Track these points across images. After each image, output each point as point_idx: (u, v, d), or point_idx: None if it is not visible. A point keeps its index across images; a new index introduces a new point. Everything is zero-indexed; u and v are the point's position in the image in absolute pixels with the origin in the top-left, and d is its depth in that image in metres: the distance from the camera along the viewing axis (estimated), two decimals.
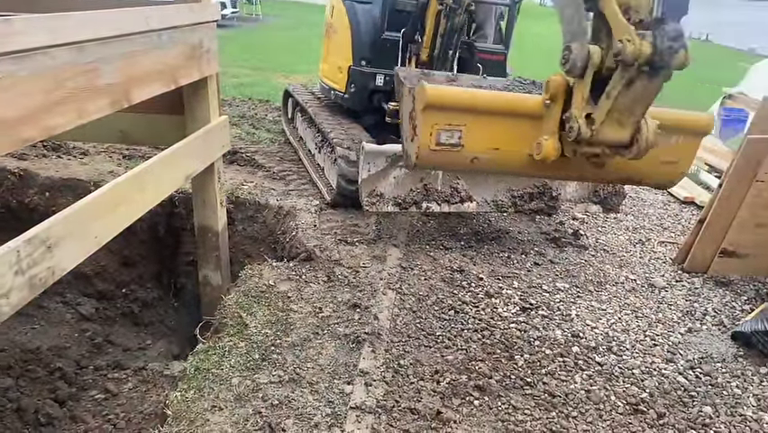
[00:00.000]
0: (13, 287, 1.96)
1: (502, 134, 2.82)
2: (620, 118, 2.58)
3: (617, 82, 2.45)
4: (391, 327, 3.18)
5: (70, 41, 2.16)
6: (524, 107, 2.81)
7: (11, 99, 1.89)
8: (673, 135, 3.18)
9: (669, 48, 2.35)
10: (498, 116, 2.79)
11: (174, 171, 3.11)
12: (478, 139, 2.79)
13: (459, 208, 4.15)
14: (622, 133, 2.61)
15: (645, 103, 2.55)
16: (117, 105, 2.54)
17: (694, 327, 3.52)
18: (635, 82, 2.44)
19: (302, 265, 3.71)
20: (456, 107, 2.74)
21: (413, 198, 3.97)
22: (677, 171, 3.22)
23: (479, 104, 2.78)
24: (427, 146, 2.75)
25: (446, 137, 2.75)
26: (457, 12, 4.14)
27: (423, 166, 3.19)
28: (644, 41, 2.34)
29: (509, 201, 4.23)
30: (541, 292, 3.72)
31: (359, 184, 3.88)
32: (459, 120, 2.75)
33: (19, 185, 4.51)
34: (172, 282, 4.71)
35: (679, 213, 5.42)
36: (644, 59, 2.35)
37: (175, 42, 3.02)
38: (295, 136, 6.26)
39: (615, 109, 2.53)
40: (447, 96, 2.76)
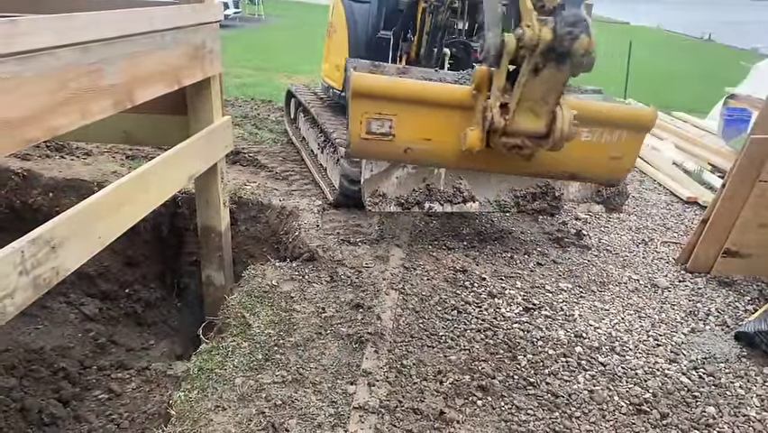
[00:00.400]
0: (18, 287, 1.97)
1: (433, 125, 2.83)
2: (534, 108, 2.56)
3: (525, 70, 2.44)
4: (394, 327, 3.18)
5: (75, 41, 2.17)
6: (453, 98, 2.81)
7: (15, 100, 1.90)
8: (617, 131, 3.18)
9: (568, 33, 2.33)
10: (429, 107, 2.80)
11: (177, 172, 3.12)
12: (409, 129, 2.80)
13: (461, 208, 4.14)
14: (537, 123, 2.60)
15: (556, 91, 2.54)
16: (121, 106, 2.55)
17: (697, 328, 3.52)
18: (542, 70, 2.43)
19: (305, 265, 3.72)
20: (385, 96, 2.75)
21: (415, 198, 3.95)
22: (622, 167, 3.22)
23: (408, 93, 2.79)
24: (358, 135, 2.77)
25: (377, 126, 2.76)
26: (440, 9, 4.15)
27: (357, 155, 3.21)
28: (544, 27, 2.33)
29: (512, 201, 4.21)
30: (544, 292, 3.72)
31: (361, 184, 3.88)
32: (389, 109, 2.76)
33: (23, 185, 4.52)
34: (175, 282, 4.72)
35: (682, 213, 5.41)
36: (545, 46, 2.33)
37: (178, 43, 3.03)
38: (297, 136, 6.27)
39: (526, 98, 2.52)
40: (375, 84, 2.77)
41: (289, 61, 12.21)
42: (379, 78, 3.01)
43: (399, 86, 2.83)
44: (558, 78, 2.45)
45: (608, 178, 3.35)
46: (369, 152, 3.09)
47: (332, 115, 5.24)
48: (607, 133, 3.08)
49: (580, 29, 2.33)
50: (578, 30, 2.33)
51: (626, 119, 3.11)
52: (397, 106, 2.73)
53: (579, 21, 2.33)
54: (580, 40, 2.34)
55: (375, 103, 2.71)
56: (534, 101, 2.49)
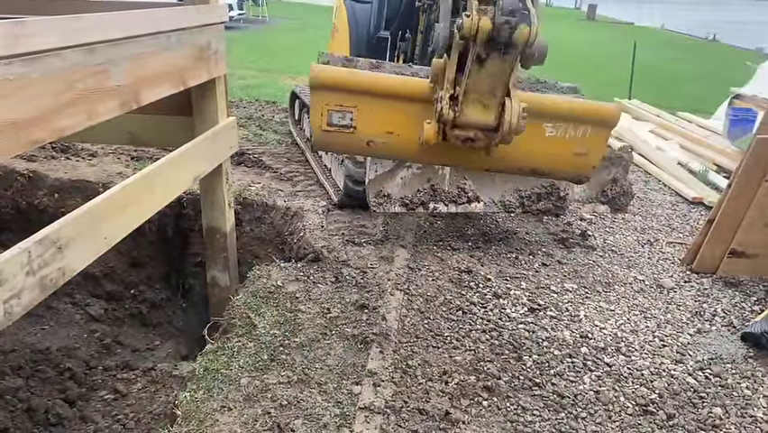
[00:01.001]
0: (25, 287, 1.97)
1: (395, 118, 2.81)
2: (482, 99, 2.53)
3: (469, 60, 2.41)
4: (399, 327, 3.18)
5: (81, 42, 2.17)
6: (413, 91, 2.79)
7: (22, 101, 1.91)
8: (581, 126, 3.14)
9: (506, 23, 2.29)
10: (390, 99, 2.78)
11: (182, 173, 3.12)
12: (370, 122, 2.78)
13: (466, 209, 4.13)
14: (486, 115, 2.57)
15: (502, 83, 2.50)
16: (126, 107, 2.56)
17: (703, 328, 3.51)
18: (486, 60, 2.39)
19: (310, 266, 3.72)
20: (345, 88, 2.73)
21: (420, 198, 3.94)
22: (588, 164, 3.18)
23: (367, 85, 2.78)
24: (319, 127, 2.76)
25: (338, 118, 2.76)
26: (433, 8, 4.15)
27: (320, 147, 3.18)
28: (483, 17, 2.29)
29: (517, 201, 4.19)
30: (549, 293, 3.71)
31: (366, 185, 3.87)
32: (349, 102, 2.75)
33: (28, 186, 4.54)
34: (180, 283, 4.73)
35: (687, 213, 5.40)
36: (485, 35, 2.29)
37: (183, 44, 3.04)
38: (302, 137, 6.27)
39: (473, 90, 2.48)
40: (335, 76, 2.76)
41: (293, 63, 12.22)
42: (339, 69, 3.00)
43: (359, 78, 2.82)
44: (502, 68, 2.40)
45: (572, 174, 3.32)
46: (331, 145, 3.08)
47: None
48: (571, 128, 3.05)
49: (518, 18, 2.28)
50: (516, 19, 2.27)
51: (590, 114, 3.08)
52: (358, 99, 2.73)
53: (516, 10, 2.27)
54: (519, 30, 2.29)
55: (335, 95, 2.71)
56: (482, 93, 2.46)
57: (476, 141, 2.65)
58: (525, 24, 2.29)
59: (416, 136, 2.78)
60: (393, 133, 2.78)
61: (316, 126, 2.71)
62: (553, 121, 3.12)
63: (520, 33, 2.30)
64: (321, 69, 2.67)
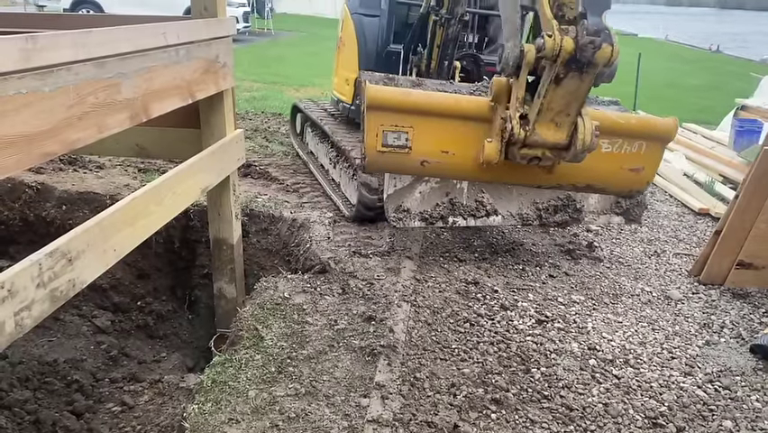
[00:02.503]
0: (35, 300, 1.98)
1: (451, 137, 2.77)
2: (555, 119, 2.51)
3: (546, 80, 2.39)
4: (407, 339, 3.17)
5: (92, 56, 2.20)
6: (470, 109, 2.75)
7: (34, 114, 1.93)
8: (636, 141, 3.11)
9: (590, 43, 2.29)
10: (446, 118, 2.74)
11: (190, 185, 3.14)
12: (426, 141, 2.74)
13: (485, 222, 4.09)
14: (558, 134, 2.54)
15: (578, 101, 2.48)
16: (136, 120, 2.58)
17: (712, 340, 3.49)
18: (563, 80, 2.37)
19: (317, 277, 3.72)
20: (401, 108, 2.70)
21: (439, 212, 3.92)
22: (642, 179, 3.14)
23: (424, 105, 2.74)
24: (374, 147, 2.72)
25: (393, 138, 2.72)
26: (451, 22, 4.17)
27: (373, 168, 3.15)
28: (566, 37, 2.28)
29: (534, 214, 4.17)
30: (556, 305, 3.70)
31: (384, 200, 3.82)
32: (405, 121, 2.71)
33: (36, 198, 4.57)
34: (187, 295, 4.73)
35: (694, 224, 5.39)
36: (566, 55, 2.29)
37: (192, 57, 3.06)
38: (304, 150, 6.28)
39: (547, 109, 2.46)
40: (390, 96, 2.72)
41: (299, 75, 12.30)
42: (395, 89, 2.97)
43: (416, 97, 2.79)
44: (580, 88, 2.40)
45: (627, 190, 3.28)
46: (385, 166, 3.04)
47: (345, 131, 5.21)
48: (627, 144, 3.01)
49: (602, 38, 2.29)
50: (600, 39, 2.29)
51: (647, 130, 3.05)
52: (414, 118, 2.69)
53: (601, 30, 2.29)
54: (602, 49, 2.30)
55: (391, 115, 2.67)
56: (556, 112, 2.44)
57: (543, 159, 2.62)
58: (607, 44, 2.30)
59: (472, 155, 2.75)
60: (448, 152, 2.76)
61: (371, 147, 2.67)
62: (609, 137, 3.09)
63: (602, 53, 2.30)
64: (377, 90, 2.65)
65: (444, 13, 4.15)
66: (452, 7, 4.11)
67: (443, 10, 4.17)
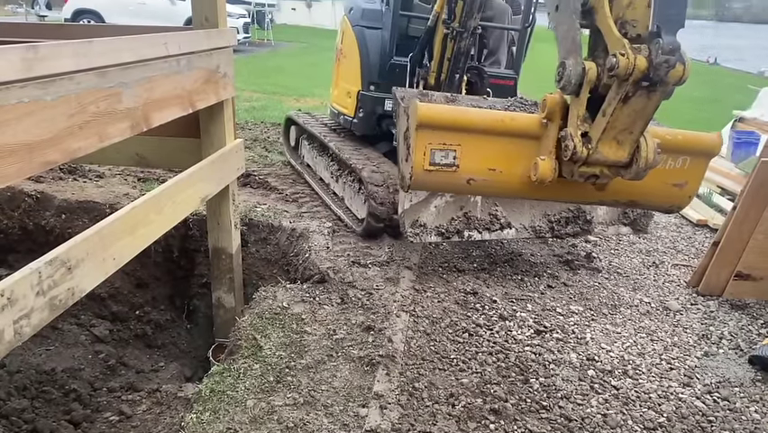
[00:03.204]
0: (35, 308, 1.98)
1: (499, 155, 2.73)
2: (618, 137, 2.48)
3: (614, 99, 2.37)
4: (405, 349, 3.17)
5: (93, 66, 2.21)
6: (520, 127, 2.72)
7: (35, 123, 1.94)
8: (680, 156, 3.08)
9: (665, 62, 2.28)
10: (495, 136, 2.70)
11: (191, 194, 3.14)
12: (474, 159, 2.70)
13: (499, 236, 4.10)
14: (620, 152, 2.51)
15: (644, 120, 2.46)
16: (137, 129, 2.59)
17: (710, 351, 3.49)
18: (631, 98, 2.36)
19: (315, 287, 3.72)
20: (450, 126, 2.66)
21: (455, 227, 3.92)
22: (685, 194, 3.10)
23: (474, 122, 2.70)
24: (421, 166, 2.67)
25: (441, 157, 2.68)
26: (463, 35, 4.18)
27: (417, 187, 3.10)
28: (638, 56, 2.28)
29: (547, 226, 4.19)
30: (555, 315, 3.70)
31: (400, 215, 3.81)
32: (453, 139, 2.66)
33: (36, 207, 4.57)
34: (185, 304, 4.72)
35: (692, 235, 5.40)
36: (639, 74, 2.27)
37: (193, 67, 3.08)
38: (300, 163, 6.26)
39: (612, 127, 2.43)
40: (440, 114, 2.68)
41: (298, 85, 12.34)
42: (446, 107, 2.91)
43: (466, 115, 2.73)
44: (647, 106, 2.37)
45: (669, 205, 3.25)
46: (430, 184, 2.97)
47: (352, 148, 5.12)
48: (671, 159, 2.98)
49: (676, 57, 2.27)
50: (674, 58, 2.27)
51: (691, 145, 3.02)
52: (462, 136, 2.64)
53: (675, 49, 2.27)
54: (675, 68, 2.28)
55: (439, 133, 2.63)
56: (619, 130, 2.40)
57: (600, 177, 2.59)
58: (680, 63, 2.29)
59: (519, 172, 2.70)
60: (496, 169, 2.71)
61: (418, 166, 2.62)
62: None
63: (675, 72, 2.28)
64: (427, 108, 2.60)
65: (457, 27, 4.15)
66: (465, 21, 4.11)
67: (455, 23, 4.18)
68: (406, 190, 3.31)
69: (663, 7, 2.36)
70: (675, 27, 2.37)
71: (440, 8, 4.39)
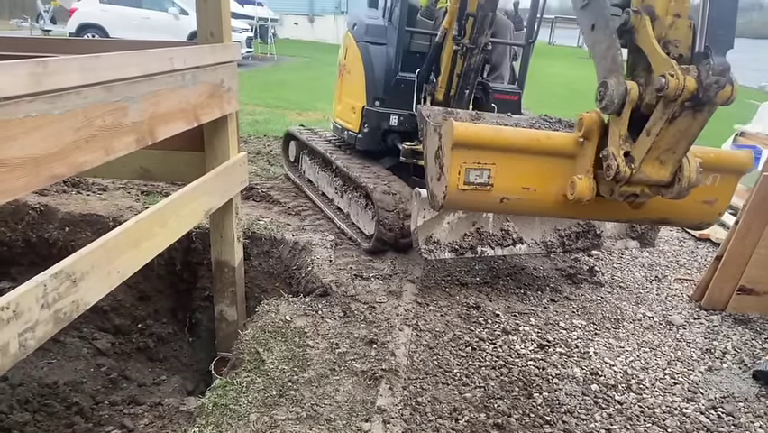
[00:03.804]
0: (39, 321, 1.99)
1: (533, 173, 2.70)
2: (661, 156, 2.45)
3: (659, 119, 2.35)
4: (408, 363, 3.16)
5: (100, 80, 2.23)
6: (555, 145, 2.69)
7: (43, 137, 1.95)
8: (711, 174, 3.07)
9: (715, 83, 2.28)
10: (529, 155, 2.69)
11: (194, 207, 3.16)
12: (508, 178, 2.67)
13: (512, 251, 4.12)
14: (662, 171, 2.49)
15: (688, 140, 2.44)
16: (142, 143, 2.61)
17: (714, 366, 3.47)
18: (677, 118, 2.34)
19: (318, 300, 3.72)
20: (485, 145, 2.65)
21: (468, 242, 3.93)
22: (714, 211, 3.08)
23: (509, 141, 2.68)
24: (456, 185, 2.64)
25: (475, 176, 2.66)
26: (474, 52, 4.20)
27: (450, 207, 3.07)
28: (688, 76, 2.27)
29: (558, 241, 4.21)
30: (558, 329, 3.70)
31: (414, 231, 3.82)
32: (488, 158, 2.63)
33: (39, 220, 4.58)
34: (187, 317, 4.72)
35: (694, 250, 5.39)
36: (688, 94, 2.27)
37: (197, 82, 3.11)
38: (294, 173, 6.26)
39: (656, 147, 2.40)
40: (476, 133, 2.66)
41: (300, 99, 12.40)
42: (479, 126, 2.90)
43: (501, 134, 2.72)
44: (692, 126, 2.36)
45: (698, 222, 3.24)
46: (463, 204, 2.95)
47: (359, 163, 5.09)
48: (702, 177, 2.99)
49: (726, 78, 2.28)
50: (725, 79, 2.27)
51: (723, 163, 3.01)
52: (497, 155, 2.63)
53: (725, 70, 2.27)
54: (725, 89, 2.29)
55: (474, 152, 2.61)
56: (663, 150, 2.39)
57: (640, 196, 2.58)
58: (729, 84, 2.30)
59: (553, 190, 2.69)
60: (530, 188, 2.70)
61: (452, 185, 2.60)
62: None
63: (724, 92, 2.28)
64: (464, 127, 2.57)
65: (467, 43, 4.18)
66: (475, 37, 4.14)
67: (466, 39, 4.20)
68: (438, 210, 3.29)
69: (713, 28, 2.36)
70: (725, 48, 2.36)
71: (448, 24, 4.41)
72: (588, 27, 2.61)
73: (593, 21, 2.57)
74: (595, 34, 2.57)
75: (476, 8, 4.09)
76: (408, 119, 4.91)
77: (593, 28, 2.58)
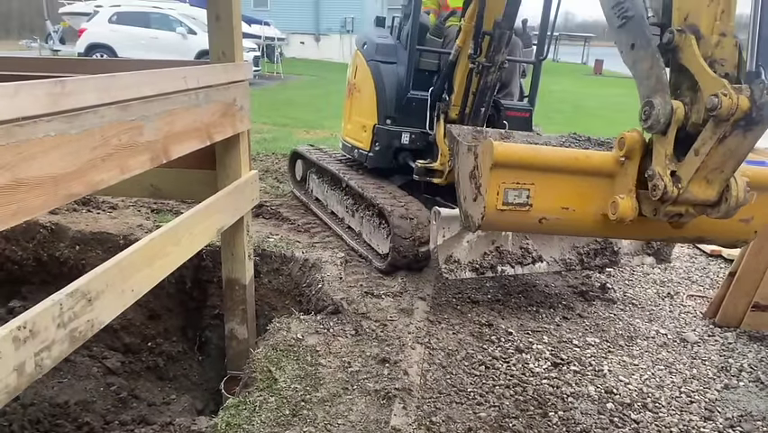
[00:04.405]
0: (56, 340, 1.98)
1: (571, 193, 2.67)
2: (708, 176, 2.43)
3: (709, 138, 2.33)
4: (421, 382, 3.14)
5: (116, 100, 2.25)
6: (595, 165, 2.66)
7: (61, 156, 1.96)
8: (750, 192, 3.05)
9: None
10: (568, 174, 2.66)
11: (207, 225, 3.16)
12: (547, 198, 2.63)
13: (531, 270, 4.13)
14: (710, 191, 2.46)
15: (737, 159, 2.41)
16: (156, 162, 2.62)
17: (731, 384, 3.43)
18: (727, 138, 2.33)
19: (329, 318, 3.70)
20: (524, 165, 2.61)
21: (489, 261, 3.93)
22: (751, 229, 3.05)
23: (549, 161, 2.64)
24: (494, 206, 2.59)
25: (514, 196, 2.61)
26: (490, 70, 4.21)
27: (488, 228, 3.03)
28: (741, 96, 2.27)
29: (576, 259, 4.22)
30: (571, 347, 3.66)
31: (433, 250, 3.79)
32: (527, 178, 2.59)
33: (50, 238, 4.59)
34: (197, 336, 4.71)
35: (706, 266, 5.35)
36: (741, 114, 2.26)
37: (210, 101, 3.13)
38: (299, 191, 6.26)
39: (704, 167, 2.39)
40: (516, 153, 2.62)
41: (308, 117, 12.46)
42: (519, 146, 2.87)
43: (541, 154, 2.70)
44: (742, 146, 2.36)
45: (734, 240, 3.21)
46: (500, 224, 2.90)
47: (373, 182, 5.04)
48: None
49: None
50: None
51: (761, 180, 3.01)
52: (536, 175, 2.62)
53: None
54: None
55: (513, 172, 2.59)
56: (710, 169, 2.39)
57: (684, 216, 2.57)
58: None
59: (592, 210, 2.66)
60: (569, 208, 2.68)
61: (491, 206, 2.56)
62: None
63: None
64: (504, 147, 2.55)
65: (484, 61, 4.19)
66: (492, 55, 4.15)
67: (482, 57, 4.21)
68: (474, 231, 3.27)
69: (765, 47, 2.37)
70: None
71: (462, 42, 4.42)
72: (627, 46, 2.58)
73: (633, 40, 2.55)
74: (635, 53, 2.54)
75: (492, 27, 4.11)
76: (420, 137, 4.91)
77: (633, 47, 2.56)
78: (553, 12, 4.88)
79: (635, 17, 2.51)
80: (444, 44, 5.20)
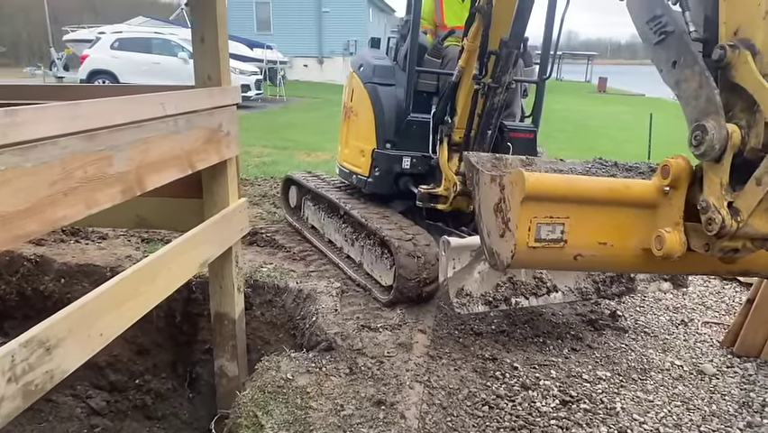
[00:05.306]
0: (5, 396, 1.79)
1: (609, 226, 2.42)
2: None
3: None
4: (420, 426, 2.91)
5: (80, 129, 2.07)
6: (635, 196, 2.43)
7: (12, 193, 1.78)
8: None
9: None
10: (605, 206, 2.43)
11: (188, 259, 2.97)
12: (583, 233, 2.38)
13: (547, 301, 3.93)
14: None
15: None
16: (130, 194, 2.44)
17: (754, 421, 3.19)
18: None
19: (322, 356, 3.48)
20: (559, 197, 2.37)
21: (502, 294, 3.74)
22: None
23: (585, 192, 2.39)
24: (525, 243, 2.33)
25: (547, 232, 2.34)
26: (497, 91, 4.03)
27: (518, 266, 2.78)
28: None
29: (592, 288, 4.03)
30: (581, 382, 3.43)
31: (443, 283, 3.59)
32: (561, 212, 2.33)
33: (34, 271, 4.42)
34: (187, 372, 4.49)
35: (720, 291, 5.11)
36: None
37: (192, 127, 2.96)
38: (292, 217, 6.08)
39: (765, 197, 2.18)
40: (551, 184, 2.36)
41: (309, 140, 12.35)
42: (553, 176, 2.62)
43: (577, 184, 2.46)
44: None
45: None
46: (531, 262, 2.65)
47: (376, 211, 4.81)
48: None
49: None
50: None
51: None
52: (571, 208, 2.38)
53: None
54: None
55: (547, 205, 2.36)
56: None
57: (741, 251, 2.35)
58: None
59: (631, 244, 2.44)
60: (606, 243, 2.43)
61: (522, 243, 2.31)
62: None
63: None
64: (536, 178, 2.31)
65: (490, 82, 4.01)
66: (498, 76, 3.98)
67: (487, 78, 4.04)
68: (503, 270, 3.03)
69: None
70: None
71: (465, 63, 4.23)
72: (668, 64, 2.36)
73: (675, 57, 2.33)
74: (679, 72, 2.32)
75: (499, 46, 3.94)
76: (421, 161, 4.71)
77: (675, 65, 2.35)
78: (555, 31, 4.72)
79: (675, 32, 2.27)
80: (443, 65, 5.03)
